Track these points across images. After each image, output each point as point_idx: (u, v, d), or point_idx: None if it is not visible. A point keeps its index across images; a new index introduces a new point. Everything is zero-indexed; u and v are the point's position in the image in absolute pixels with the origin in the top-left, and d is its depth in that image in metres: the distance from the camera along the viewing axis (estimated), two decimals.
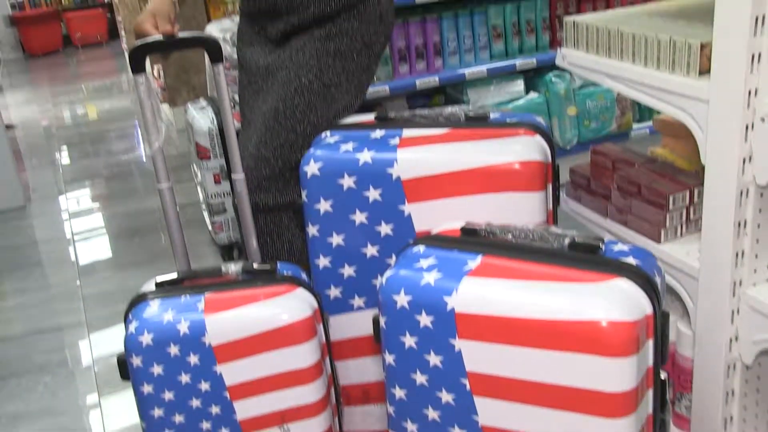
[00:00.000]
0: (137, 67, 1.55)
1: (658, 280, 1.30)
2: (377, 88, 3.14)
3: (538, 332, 1.20)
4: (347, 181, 1.64)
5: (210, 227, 3.21)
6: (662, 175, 1.70)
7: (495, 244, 1.38)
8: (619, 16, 1.79)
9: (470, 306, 1.26)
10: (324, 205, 1.68)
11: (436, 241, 1.43)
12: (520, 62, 3.40)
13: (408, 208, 1.63)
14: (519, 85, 3.47)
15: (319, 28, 1.88)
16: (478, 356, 1.27)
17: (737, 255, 1.43)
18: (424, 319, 1.31)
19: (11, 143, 4.80)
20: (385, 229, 1.65)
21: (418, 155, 1.62)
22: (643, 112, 3.76)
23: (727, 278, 1.44)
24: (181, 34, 1.59)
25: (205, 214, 3.30)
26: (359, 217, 1.67)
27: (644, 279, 1.24)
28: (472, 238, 1.41)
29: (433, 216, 1.61)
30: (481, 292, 1.27)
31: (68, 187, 4.69)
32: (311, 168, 1.66)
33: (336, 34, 1.87)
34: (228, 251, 3.17)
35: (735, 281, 1.44)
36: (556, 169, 1.69)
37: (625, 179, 1.72)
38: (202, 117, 3.01)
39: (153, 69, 5.60)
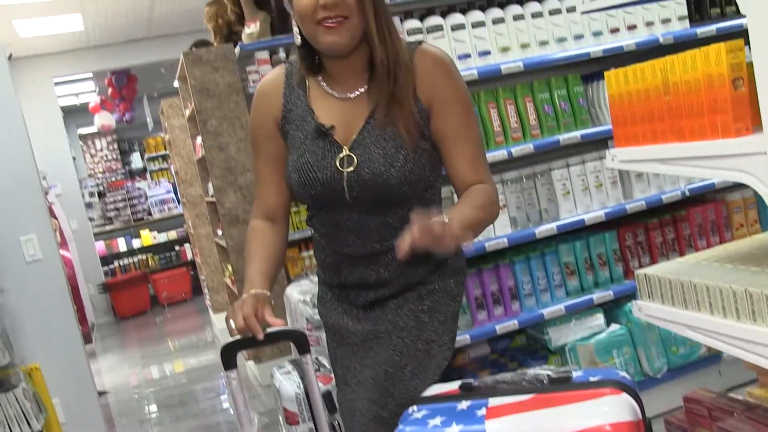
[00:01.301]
0: (228, 364, 1.63)
1: None
2: (459, 338, 3.17)
3: None
4: None
5: None
6: (766, 424, 1.65)
7: None
8: (690, 265, 1.83)
9: None
10: None
11: None
12: (597, 296, 3.43)
13: None
14: (599, 318, 3.46)
15: (412, 291, 1.96)
16: None
17: None
18: None
19: (104, 411, 4.91)
20: None
21: (507, 425, 1.61)
22: None
23: None
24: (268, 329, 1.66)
25: None
26: None
27: None
28: None
29: None
30: None
31: None
32: None
33: (427, 293, 1.96)
34: None
35: None
36: (648, 424, 1.66)
37: None
38: (288, 382, 3.06)
39: None
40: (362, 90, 1.88)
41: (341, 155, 1.84)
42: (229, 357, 1.63)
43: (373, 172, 1.81)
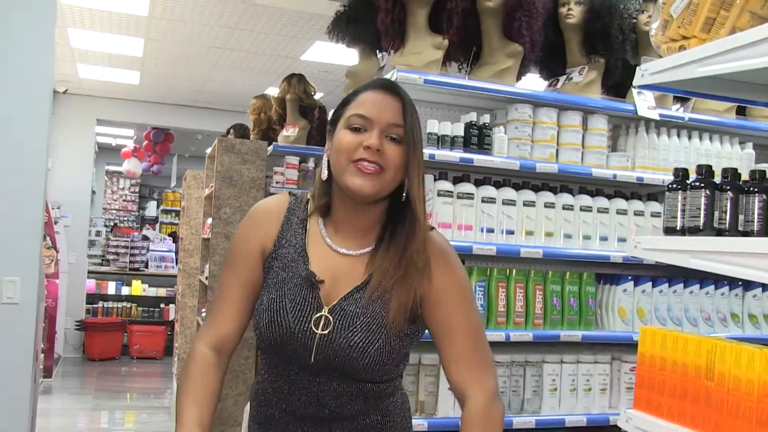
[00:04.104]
0: None
1: None
2: None
3: None
4: None
5: None
6: None
7: None
8: None
9: None
10: None
11: None
12: None
13: None
14: None
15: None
16: None
17: None
18: None
19: None
20: None
21: None
22: None
23: None
24: None
25: None
26: None
27: None
28: None
29: None
30: None
31: None
32: None
33: None
34: None
35: None
36: None
37: None
38: None
39: None
40: (365, 251, 1.65)
41: (318, 314, 1.58)
42: None
43: (348, 344, 1.55)
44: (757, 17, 1.35)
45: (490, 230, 3.01)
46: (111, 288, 10.37)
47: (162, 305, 10.47)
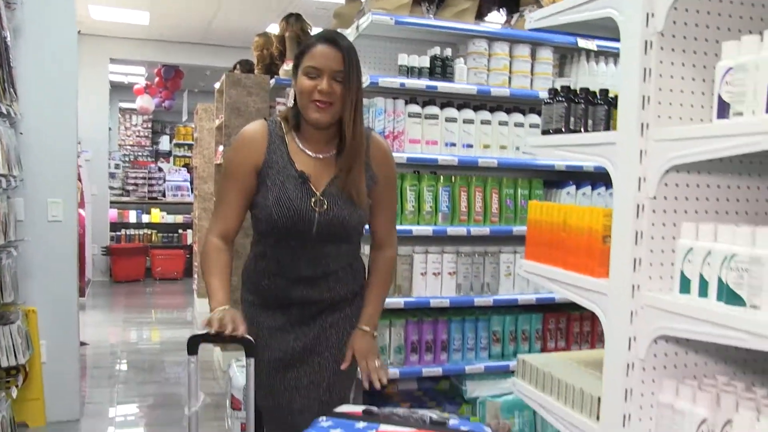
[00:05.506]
0: (191, 350, 1.99)
1: None
2: (391, 371, 3.53)
3: None
4: None
5: None
6: None
7: None
8: (564, 360, 2.19)
9: None
10: None
11: None
12: (513, 364, 3.76)
13: None
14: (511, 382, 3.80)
15: (341, 310, 2.37)
16: None
17: None
18: None
19: (80, 360, 5.21)
20: None
21: None
22: None
23: None
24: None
25: None
26: None
27: None
28: None
29: None
30: None
31: (119, 408, 5.03)
32: None
33: (352, 312, 2.39)
34: None
35: None
36: None
37: None
38: (240, 374, 3.41)
39: None
40: (331, 154, 2.30)
41: (314, 198, 2.24)
42: (194, 345, 1.98)
43: (339, 215, 2.25)
44: None
45: (453, 144, 3.62)
46: (132, 216, 11.07)
47: (180, 231, 11.18)
